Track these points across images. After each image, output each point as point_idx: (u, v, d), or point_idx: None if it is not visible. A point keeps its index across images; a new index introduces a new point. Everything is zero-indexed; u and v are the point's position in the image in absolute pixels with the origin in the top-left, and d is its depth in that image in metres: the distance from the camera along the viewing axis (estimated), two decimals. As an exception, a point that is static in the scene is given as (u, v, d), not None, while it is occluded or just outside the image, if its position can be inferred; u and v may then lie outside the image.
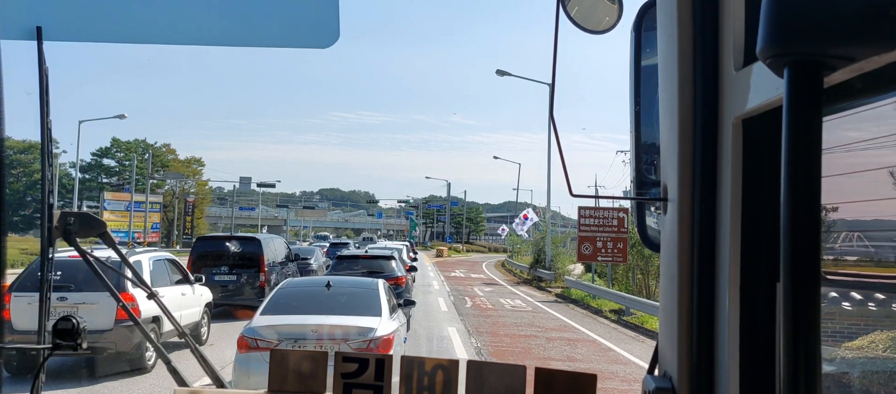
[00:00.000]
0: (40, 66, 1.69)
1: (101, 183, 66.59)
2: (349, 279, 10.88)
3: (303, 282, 10.44)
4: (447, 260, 57.53)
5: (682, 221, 1.01)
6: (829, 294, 1.01)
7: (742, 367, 0.92)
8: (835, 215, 0.93)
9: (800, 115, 0.59)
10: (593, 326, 17.24)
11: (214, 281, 15.30)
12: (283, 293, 8.77)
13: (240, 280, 16.22)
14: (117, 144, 68.06)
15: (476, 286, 28.84)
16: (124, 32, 1.90)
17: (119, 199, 56.02)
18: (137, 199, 56.88)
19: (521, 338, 14.61)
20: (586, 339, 14.93)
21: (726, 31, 0.94)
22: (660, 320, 1.13)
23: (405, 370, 1.40)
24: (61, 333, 1.66)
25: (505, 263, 48.70)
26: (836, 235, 0.95)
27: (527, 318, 18.32)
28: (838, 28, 0.57)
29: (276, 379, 1.44)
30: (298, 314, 7.80)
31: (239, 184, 71.85)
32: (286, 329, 7.46)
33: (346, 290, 8.87)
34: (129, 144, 68.08)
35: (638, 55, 1.25)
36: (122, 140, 68.37)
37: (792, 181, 0.59)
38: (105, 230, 1.86)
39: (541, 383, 1.34)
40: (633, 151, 1.27)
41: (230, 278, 16.16)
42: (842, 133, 0.85)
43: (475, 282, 31.67)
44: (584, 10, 1.25)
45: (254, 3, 1.80)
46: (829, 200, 0.91)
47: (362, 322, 7.53)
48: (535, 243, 37.25)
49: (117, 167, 68.07)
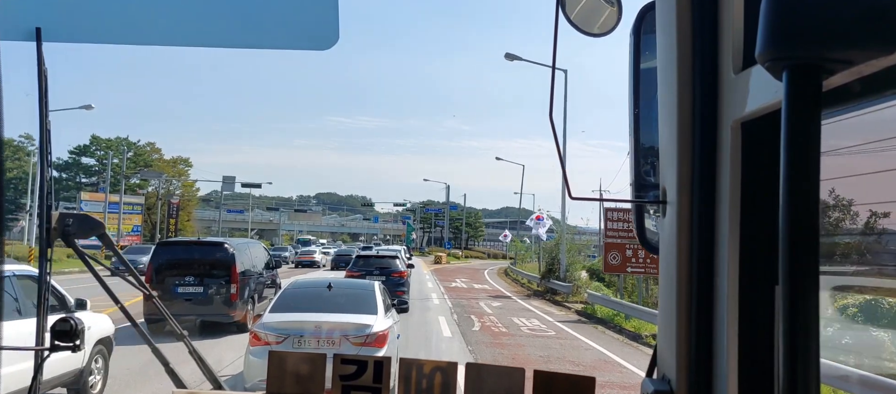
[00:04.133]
0: (39, 67, 1.69)
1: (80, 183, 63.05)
2: (348, 281, 12.27)
3: (307, 283, 11.19)
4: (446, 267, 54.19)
5: (680, 223, 1.02)
6: (827, 296, 1.02)
7: (741, 369, 0.92)
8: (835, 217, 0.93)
9: (798, 118, 0.59)
10: (638, 359, 13.40)
11: (177, 293, 14.00)
12: (289, 294, 9.75)
13: (207, 292, 14.26)
14: (97, 142, 63.91)
15: (482, 300, 25.22)
16: (123, 34, 1.90)
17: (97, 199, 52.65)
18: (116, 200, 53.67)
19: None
20: (638, 379, 10.88)
21: (725, 34, 0.94)
22: (658, 323, 1.13)
23: (404, 372, 1.40)
24: (60, 333, 1.66)
25: (508, 271, 46.96)
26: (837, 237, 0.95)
27: (552, 347, 14.57)
28: (837, 32, 0.57)
29: (274, 381, 1.44)
30: (302, 312, 8.69)
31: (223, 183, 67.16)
32: (291, 326, 8.33)
33: (345, 291, 9.71)
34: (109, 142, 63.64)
35: (637, 58, 1.26)
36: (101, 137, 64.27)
37: (791, 184, 0.59)
38: (103, 231, 1.86)
39: (539, 386, 1.34)
40: (632, 153, 1.27)
41: (195, 291, 14.28)
42: (841, 136, 0.86)
43: (480, 294, 28.14)
44: (583, 12, 1.25)
45: (253, 4, 1.80)
46: (827, 203, 0.92)
47: (360, 319, 8.42)
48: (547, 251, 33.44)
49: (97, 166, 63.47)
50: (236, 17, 1.83)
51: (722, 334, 0.95)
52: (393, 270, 19.27)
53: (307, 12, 1.79)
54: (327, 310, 8.74)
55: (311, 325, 8.29)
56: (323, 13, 1.75)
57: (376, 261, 20.43)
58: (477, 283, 35.94)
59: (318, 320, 8.35)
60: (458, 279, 37.43)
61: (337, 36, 1.74)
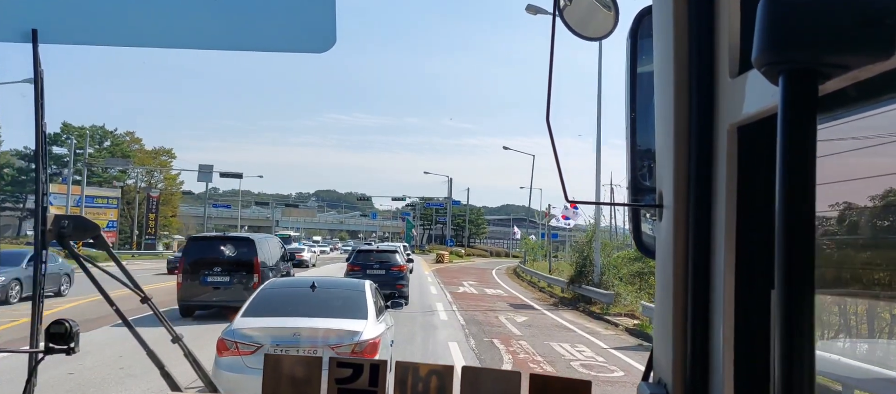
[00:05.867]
0: (36, 68, 1.68)
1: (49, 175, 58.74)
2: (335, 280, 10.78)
3: (287, 282, 9.82)
4: (449, 267, 49.00)
5: (676, 227, 1.01)
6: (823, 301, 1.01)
7: (736, 374, 0.92)
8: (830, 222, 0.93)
9: (794, 122, 0.59)
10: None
11: (206, 282, 16.17)
12: (266, 294, 8.45)
13: (232, 281, 16.42)
14: (68, 130, 57.89)
15: (501, 312, 19.95)
16: (121, 36, 1.89)
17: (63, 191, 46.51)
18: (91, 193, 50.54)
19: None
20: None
21: (722, 38, 0.94)
22: (654, 327, 1.13)
23: (399, 376, 1.40)
24: (54, 336, 1.66)
25: (518, 271, 43.13)
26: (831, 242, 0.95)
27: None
28: (833, 37, 0.57)
29: (270, 384, 1.44)
30: (281, 317, 7.57)
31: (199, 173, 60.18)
32: (268, 332, 7.17)
33: (332, 291, 8.61)
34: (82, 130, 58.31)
35: (634, 62, 1.25)
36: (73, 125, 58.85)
37: (786, 188, 0.59)
38: (99, 233, 1.85)
39: (536, 390, 1.33)
40: (629, 157, 1.27)
41: (222, 280, 16.45)
42: (837, 140, 0.86)
43: (495, 303, 22.80)
44: (580, 16, 1.25)
45: (250, 7, 1.79)
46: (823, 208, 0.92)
47: (348, 325, 7.34)
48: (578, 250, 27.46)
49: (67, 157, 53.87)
50: (232, 20, 1.83)
51: (718, 337, 0.95)
52: (393, 264, 20.87)
53: (304, 15, 1.79)
54: (309, 314, 7.64)
55: (289, 332, 7.14)
56: (320, 16, 1.74)
57: (377, 255, 21.80)
58: (488, 286, 31.25)
59: (298, 326, 7.24)
60: (466, 282, 33.03)
61: (334, 38, 1.73)
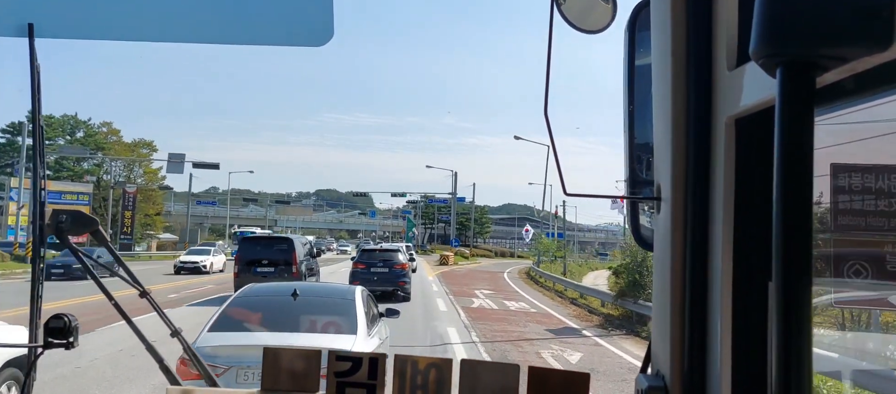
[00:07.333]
0: (32, 63, 1.68)
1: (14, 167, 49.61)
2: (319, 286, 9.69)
3: (264, 290, 8.12)
4: (455, 270, 43.55)
5: (674, 220, 1.02)
6: (820, 294, 1.02)
7: (734, 366, 0.93)
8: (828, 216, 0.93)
9: (792, 115, 0.59)
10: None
11: (256, 272, 20.27)
12: (240, 302, 7.10)
13: (276, 272, 20.68)
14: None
15: (539, 342, 14.72)
16: (117, 30, 1.89)
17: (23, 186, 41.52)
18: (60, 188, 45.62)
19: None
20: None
21: (719, 31, 0.94)
22: (652, 319, 1.13)
23: (398, 368, 1.40)
24: (53, 331, 1.66)
25: (530, 273, 39.68)
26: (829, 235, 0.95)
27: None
28: (830, 29, 0.57)
29: (269, 378, 1.44)
30: (252, 332, 6.43)
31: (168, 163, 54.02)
32: (237, 351, 5.86)
33: (316, 299, 7.49)
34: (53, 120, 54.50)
35: (631, 55, 1.26)
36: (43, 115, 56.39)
37: (784, 181, 0.59)
38: (97, 228, 1.85)
39: (534, 382, 1.34)
40: (627, 150, 1.27)
41: (269, 270, 20.78)
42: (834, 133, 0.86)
43: (524, 323, 18.04)
44: (578, 9, 1.25)
45: (247, 0, 1.79)
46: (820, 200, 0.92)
47: (333, 343, 6.11)
48: (631, 254, 21.49)
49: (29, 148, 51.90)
50: (229, 13, 1.83)
51: (715, 329, 0.95)
52: (395, 262, 22.66)
53: (301, 8, 1.79)
54: (287, 328, 6.45)
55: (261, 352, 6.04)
56: (317, 9, 1.74)
57: (380, 254, 23.38)
58: (507, 297, 25.65)
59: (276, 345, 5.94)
60: (479, 291, 27.57)
61: (332, 32, 1.73)
